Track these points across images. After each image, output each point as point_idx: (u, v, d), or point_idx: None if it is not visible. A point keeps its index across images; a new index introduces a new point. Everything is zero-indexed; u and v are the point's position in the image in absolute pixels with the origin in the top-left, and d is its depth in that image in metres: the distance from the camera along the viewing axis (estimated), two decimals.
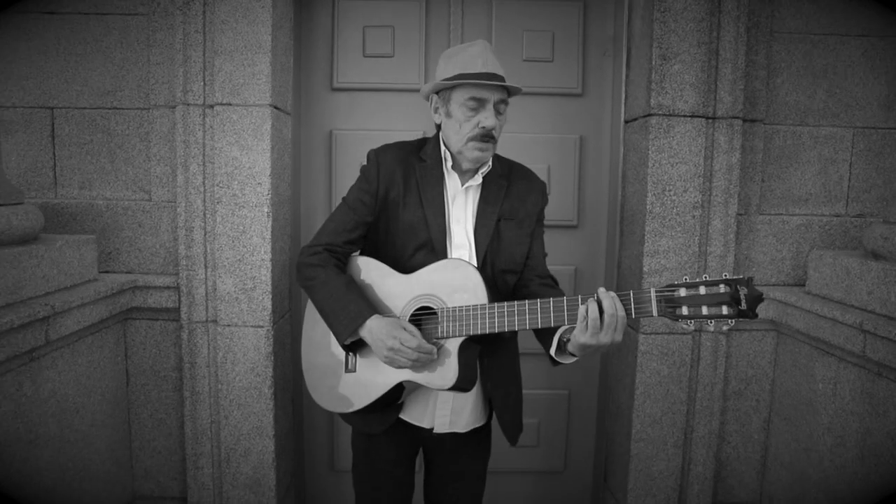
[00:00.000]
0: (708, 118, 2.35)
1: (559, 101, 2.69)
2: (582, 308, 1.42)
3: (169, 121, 2.41)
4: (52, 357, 1.98)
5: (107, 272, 2.46)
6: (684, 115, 2.33)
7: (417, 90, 2.67)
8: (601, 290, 1.43)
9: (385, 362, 1.58)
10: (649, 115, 2.34)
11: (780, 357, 2.50)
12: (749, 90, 2.41)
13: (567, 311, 1.47)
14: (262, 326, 2.38)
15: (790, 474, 2.42)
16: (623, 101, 2.62)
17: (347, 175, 2.70)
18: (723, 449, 2.59)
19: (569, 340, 1.50)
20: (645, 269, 2.39)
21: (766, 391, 2.56)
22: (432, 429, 1.76)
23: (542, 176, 2.29)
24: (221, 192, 2.34)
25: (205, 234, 2.38)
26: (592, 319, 1.40)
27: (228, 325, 2.38)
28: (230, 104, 2.31)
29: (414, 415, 1.76)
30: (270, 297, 2.37)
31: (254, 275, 2.36)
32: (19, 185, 2.42)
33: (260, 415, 2.42)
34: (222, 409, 2.43)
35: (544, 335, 1.61)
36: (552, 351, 1.58)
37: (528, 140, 2.67)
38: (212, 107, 2.32)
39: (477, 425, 1.82)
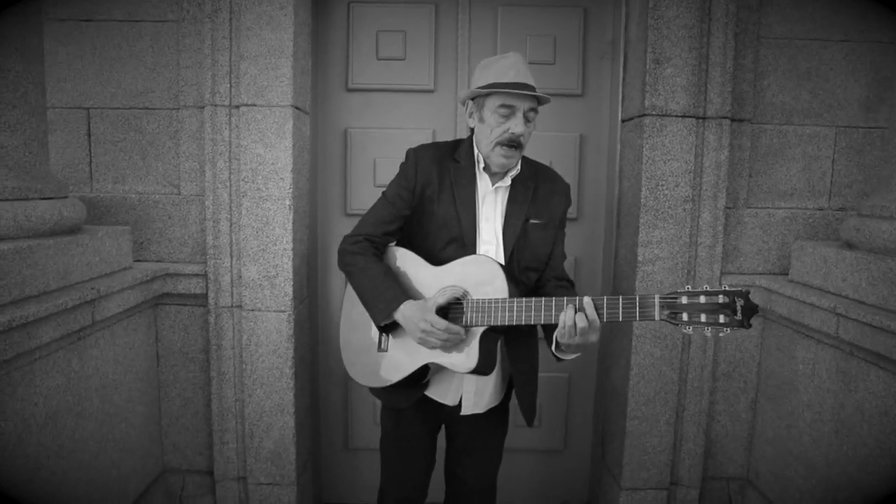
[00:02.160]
0: (698, 118, 2.52)
1: (560, 101, 2.86)
2: (560, 314, 1.63)
3: (197, 120, 2.60)
4: (96, 337, 2.17)
5: (140, 261, 2.65)
6: (676, 116, 2.51)
7: (428, 91, 2.87)
8: (586, 298, 1.63)
9: (419, 343, 1.77)
10: (644, 115, 2.51)
11: (766, 341, 2.68)
12: (737, 92, 2.58)
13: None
14: (283, 311, 2.57)
15: (773, 449, 2.60)
16: (620, 101, 2.79)
17: (362, 170, 2.89)
18: (712, 427, 2.77)
19: None
20: (639, 258, 2.57)
21: (752, 373, 2.74)
22: (455, 406, 1.94)
23: None
24: (246, 186, 2.52)
25: (231, 226, 2.57)
26: (569, 327, 1.61)
27: (252, 310, 2.57)
28: (255, 105, 2.49)
29: (438, 392, 1.95)
30: (291, 283, 2.56)
31: (276, 263, 2.55)
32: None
33: (281, 393, 2.61)
34: (246, 388, 2.62)
35: (550, 332, 1.79)
36: (552, 347, 1.77)
37: (531, 138, 2.83)
38: (237, 107, 2.51)
39: (495, 404, 2.01)
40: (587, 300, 1.63)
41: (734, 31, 2.50)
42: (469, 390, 1.95)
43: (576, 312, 1.62)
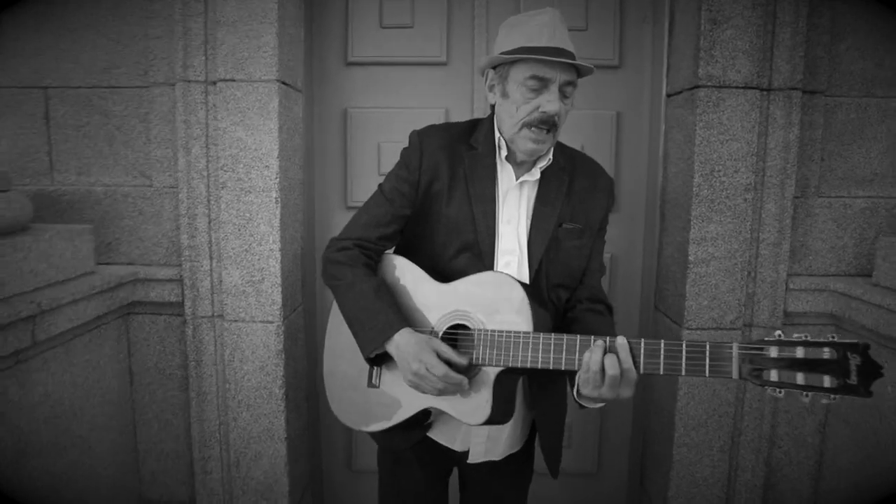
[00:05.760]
0: (763, 90, 2.10)
1: (594, 73, 2.44)
2: (585, 355, 1.23)
3: (169, 99, 2.23)
4: (43, 358, 1.83)
5: (107, 264, 2.30)
6: (737, 87, 2.08)
7: (440, 64, 2.47)
8: (620, 339, 1.23)
9: (409, 386, 1.38)
10: (696, 87, 2.10)
11: None
12: (809, 58, 2.15)
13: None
14: (271, 322, 2.20)
15: (849, 482, 2.19)
16: (665, 72, 2.37)
17: (364, 156, 2.50)
18: (773, 453, 2.37)
19: None
20: (691, 257, 2.16)
21: None
22: (465, 452, 1.57)
23: None
24: (226, 176, 2.15)
25: (209, 223, 2.21)
26: (594, 372, 1.22)
27: (235, 321, 2.21)
28: (234, 80, 2.11)
29: (443, 435, 1.57)
30: (280, 289, 2.19)
31: (262, 266, 2.18)
32: (11, 172, 2.25)
33: (270, 417, 2.26)
34: (230, 411, 2.27)
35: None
36: (574, 390, 1.37)
37: None
38: (214, 83, 2.13)
39: (514, 451, 1.62)
40: (622, 342, 1.23)
41: None
42: (479, 436, 1.56)
43: (605, 354, 1.23)
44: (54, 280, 1.92)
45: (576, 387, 1.34)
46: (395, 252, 1.58)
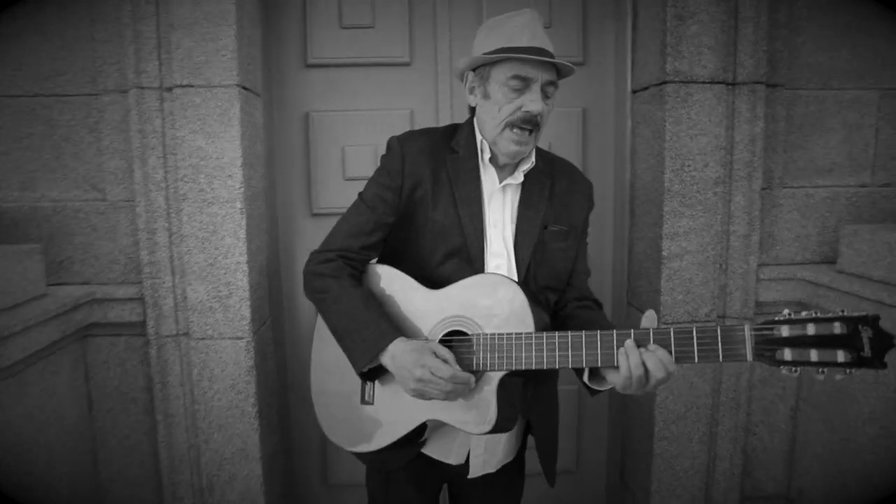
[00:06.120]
0: (728, 84, 2.13)
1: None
2: (622, 359, 1.21)
3: (121, 107, 2.10)
4: None
5: (59, 284, 2.15)
6: (703, 82, 2.11)
7: (403, 64, 2.42)
8: (651, 347, 1.20)
9: (413, 395, 1.31)
10: (665, 82, 2.11)
11: None
12: (770, 52, 2.18)
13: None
14: (241, 338, 2.11)
15: (823, 466, 2.25)
16: (629, 68, 2.38)
17: (328, 161, 2.43)
18: (749, 441, 2.41)
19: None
20: (664, 252, 2.17)
21: (792, 377, 2.38)
22: (459, 465, 1.52)
23: None
24: (186, 187, 2.04)
25: (170, 237, 2.09)
26: (638, 377, 1.20)
27: (203, 339, 2.10)
28: (191, 85, 2.00)
29: (438, 450, 1.51)
30: (249, 304, 2.09)
31: (228, 280, 2.08)
32: None
33: (244, 436, 2.16)
34: (201, 433, 2.16)
35: None
36: (586, 377, 1.35)
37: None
38: (170, 89, 2.02)
39: (508, 461, 1.59)
40: (653, 346, 1.20)
41: None
42: (478, 447, 1.51)
43: (640, 353, 1.20)
44: (2, 306, 1.77)
45: (586, 372, 1.33)
46: (379, 262, 1.52)
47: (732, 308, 2.24)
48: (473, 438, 1.49)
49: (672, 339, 1.20)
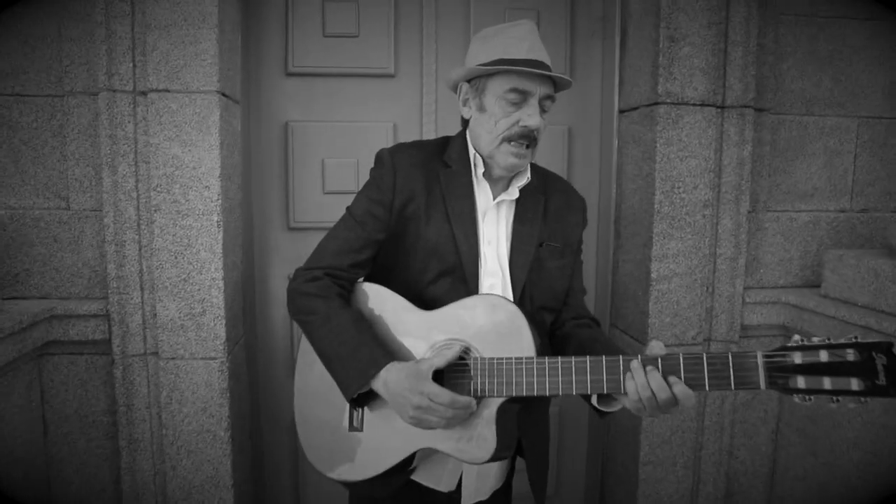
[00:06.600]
0: (718, 107, 2.13)
1: None
2: (630, 384, 1.16)
3: (90, 111, 1.97)
4: None
5: (14, 298, 1.99)
6: (694, 104, 2.10)
7: (387, 75, 2.35)
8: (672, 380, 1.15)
9: (410, 423, 1.23)
10: (656, 103, 2.09)
11: None
12: (758, 77, 2.20)
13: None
14: (214, 358, 1.98)
15: (805, 489, 2.25)
16: (617, 88, 2.37)
17: (307, 173, 2.33)
18: (731, 464, 2.40)
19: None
20: (653, 275, 2.15)
21: (773, 400, 2.38)
22: (450, 492, 1.44)
23: None
24: (160, 197, 1.92)
25: (140, 250, 1.96)
26: (648, 399, 1.14)
27: (173, 359, 1.97)
28: (168, 90, 1.89)
29: (428, 476, 1.43)
30: (224, 322, 1.98)
31: (203, 297, 1.96)
32: None
33: (215, 462, 2.03)
34: (168, 459, 2.02)
35: None
36: (594, 400, 1.29)
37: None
38: (145, 94, 1.90)
39: (498, 486, 1.52)
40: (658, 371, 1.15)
41: (757, 2, 2.11)
42: (470, 474, 1.44)
43: (645, 373, 1.15)
44: None
45: (593, 399, 1.27)
46: (367, 281, 1.44)
47: (718, 331, 2.23)
48: (466, 465, 1.41)
49: (681, 365, 1.15)
